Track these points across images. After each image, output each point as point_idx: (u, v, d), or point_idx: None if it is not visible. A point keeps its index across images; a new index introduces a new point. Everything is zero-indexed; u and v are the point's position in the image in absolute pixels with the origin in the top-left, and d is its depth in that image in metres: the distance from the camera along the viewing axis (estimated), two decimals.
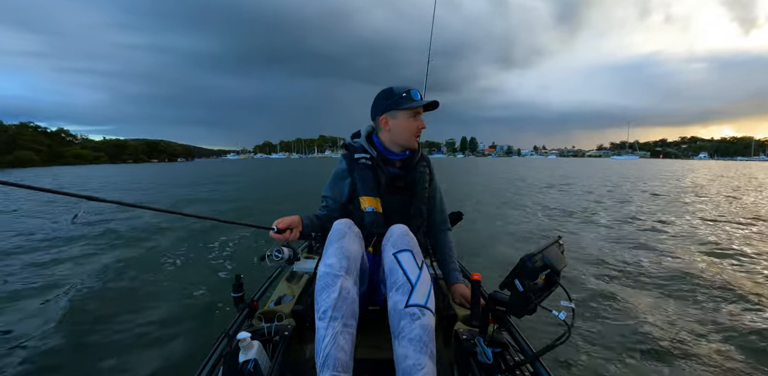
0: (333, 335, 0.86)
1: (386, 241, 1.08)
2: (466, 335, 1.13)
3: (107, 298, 2.58)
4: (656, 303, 2.54)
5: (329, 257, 0.98)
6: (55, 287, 2.77)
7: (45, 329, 2.11)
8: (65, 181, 16.94)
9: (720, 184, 13.07)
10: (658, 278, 3.05)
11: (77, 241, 4.27)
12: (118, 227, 4.99)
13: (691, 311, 2.42)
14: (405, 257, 1.00)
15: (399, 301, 0.94)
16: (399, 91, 1.29)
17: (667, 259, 3.59)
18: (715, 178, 16.66)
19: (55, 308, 2.40)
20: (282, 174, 20.92)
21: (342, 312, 0.90)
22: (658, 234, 4.73)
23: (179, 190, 11.38)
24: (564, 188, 11.36)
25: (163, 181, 15.89)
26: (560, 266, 0.94)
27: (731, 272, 3.21)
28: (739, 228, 5.11)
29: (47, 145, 54.86)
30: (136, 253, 3.74)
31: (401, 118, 1.29)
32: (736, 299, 2.59)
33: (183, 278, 2.99)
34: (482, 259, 3.55)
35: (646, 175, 18.26)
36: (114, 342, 1.97)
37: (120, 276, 3.05)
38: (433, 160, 1.48)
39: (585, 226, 5.31)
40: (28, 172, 22.81)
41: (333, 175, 1.38)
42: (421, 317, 0.91)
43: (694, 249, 3.97)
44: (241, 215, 6.20)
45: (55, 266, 3.31)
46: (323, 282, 0.94)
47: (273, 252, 1.19)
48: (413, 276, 0.97)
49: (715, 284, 2.87)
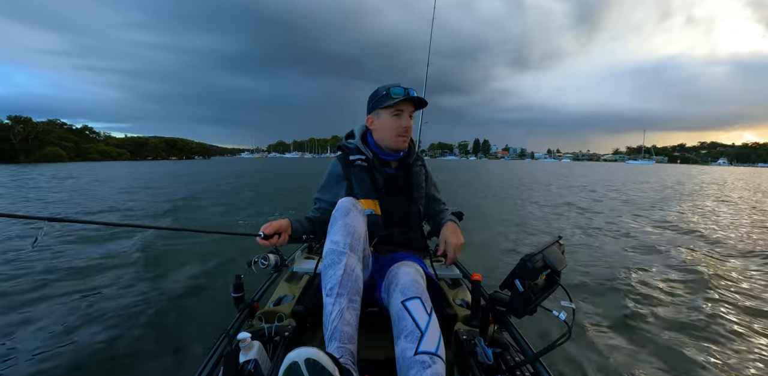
0: (339, 310, 0.89)
1: (394, 287, 1.03)
2: (466, 335, 1.12)
3: (106, 298, 2.58)
4: (657, 303, 2.54)
5: (335, 234, 1.00)
6: (53, 287, 2.77)
7: (46, 330, 2.11)
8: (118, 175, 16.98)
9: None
10: (659, 277, 3.05)
11: (76, 241, 4.26)
12: (107, 228, 4.99)
13: (692, 310, 2.42)
14: (414, 305, 0.96)
15: (407, 348, 0.89)
16: (382, 89, 1.26)
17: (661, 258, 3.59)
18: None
19: (55, 307, 2.41)
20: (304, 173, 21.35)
21: (347, 289, 0.93)
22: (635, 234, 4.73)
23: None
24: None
25: (215, 175, 16.97)
26: (560, 266, 0.94)
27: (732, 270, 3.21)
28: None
29: (73, 142, 56.18)
30: (136, 252, 3.74)
31: (383, 117, 1.27)
32: (737, 298, 2.59)
33: (182, 278, 2.99)
34: (482, 259, 3.55)
35: (639, 179, 18.49)
36: (114, 342, 1.97)
37: (119, 276, 3.05)
38: (445, 162, 1.47)
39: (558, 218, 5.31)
40: (60, 167, 22.78)
41: (327, 177, 1.36)
42: (432, 365, 0.85)
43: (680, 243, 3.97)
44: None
45: (51, 270, 3.31)
46: (329, 259, 0.96)
47: (259, 259, 1.16)
48: (422, 323, 0.92)
49: (715, 281, 2.87)
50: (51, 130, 53.69)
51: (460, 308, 1.36)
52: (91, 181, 13.47)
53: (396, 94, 1.22)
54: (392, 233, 1.32)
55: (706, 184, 15.55)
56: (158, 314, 2.32)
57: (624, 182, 15.18)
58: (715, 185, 14.81)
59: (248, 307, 1.22)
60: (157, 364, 1.78)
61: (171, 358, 1.82)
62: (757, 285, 2.89)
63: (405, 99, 1.23)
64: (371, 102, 1.29)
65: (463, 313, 1.29)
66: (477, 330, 1.11)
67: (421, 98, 1.26)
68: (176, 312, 2.36)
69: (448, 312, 1.27)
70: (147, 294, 2.65)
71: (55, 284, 2.83)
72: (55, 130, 55.81)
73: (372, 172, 1.30)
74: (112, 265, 3.35)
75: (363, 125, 1.37)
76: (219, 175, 17.90)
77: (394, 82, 1.26)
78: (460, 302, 1.44)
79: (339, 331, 0.87)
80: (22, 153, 46.57)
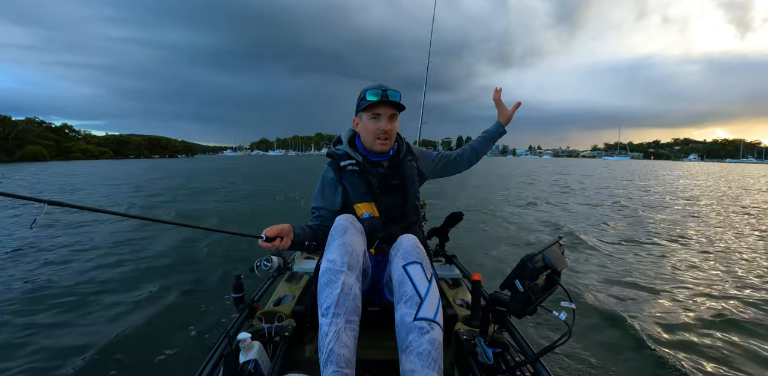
0: (336, 331, 0.86)
1: (395, 252, 1.05)
2: (466, 335, 1.12)
3: (105, 298, 2.58)
4: (657, 302, 2.55)
5: (331, 253, 0.97)
6: (53, 286, 2.77)
7: (45, 330, 2.11)
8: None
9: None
10: (658, 277, 3.05)
11: (73, 243, 4.27)
12: (104, 228, 5.00)
13: (692, 309, 2.42)
14: (414, 270, 0.98)
15: (407, 314, 0.92)
16: (363, 91, 1.24)
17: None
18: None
19: (55, 307, 2.41)
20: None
21: (345, 308, 0.89)
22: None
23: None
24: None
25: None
26: (560, 267, 0.94)
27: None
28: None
29: (54, 141, 55.69)
30: (135, 252, 3.74)
31: (364, 120, 1.25)
32: (739, 298, 2.59)
33: (183, 278, 2.98)
34: (482, 259, 3.55)
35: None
36: (114, 342, 1.97)
37: (118, 276, 3.05)
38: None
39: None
40: (44, 166, 22.65)
41: (320, 185, 1.34)
42: (430, 331, 0.89)
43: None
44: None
45: (53, 268, 3.31)
46: (326, 278, 0.93)
47: (261, 262, 1.16)
48: (422, 289, 0.95)
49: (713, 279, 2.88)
50: (30, 129, 52.98)
51: (460, 308, 1.36)
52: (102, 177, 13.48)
53: (371, 97, 1.19)
54: (392, 232, 1.32)
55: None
56: (158, 314, 2.32)
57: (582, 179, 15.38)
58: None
59: (248, 307, 1.22)
60: (157, 364, 1.78)
61: (171, 358, 1.82)
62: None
63: (382, 102, 1.20)
64: (357, 104, 1.28)
65: (463, 313, 1.29)
66: (477, 330, 1.11)
67: (395, 102, 1.21)
68: (176, 312, 2.35)
69: (449, 312, 1.27)
70: (146, 294, 2.65)
71: (49, 281, 2.84)
72: (34, 129, 54.97)
73: (364, 176, 1.29)
74: (110, 261, 3.35)
75: (350, 129, 1.36)
76: (215, 172, 18.04)
77: (377, 84, 1.23)
78: (460, 302, 1.44)
79: (335, 354, 0.83)
80: (2, 152, 45.73)
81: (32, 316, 2.31)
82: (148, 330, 2.12)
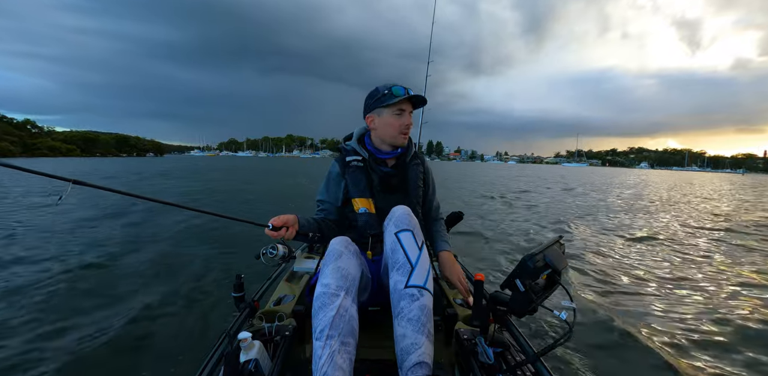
0: (330, 354, 0.85)
1: (388, 221, 1.10)
2: (467, 335, 1.12)
3: (105, 298, 2.58)
4: (657, 301, 2.54)
5: (325, 277, 0.97)
6: (52, 286, 2.77)
7: (44, 328, 2.11)
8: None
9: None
10: (659, 276, 3.05)
11: (71, 242, 4.26)
12: (113, 223, 5.00)
13: (693, 307, 2.42)
14: (406, 237, 1.03)
15: (399, 281, 0.98)
16: (382, 89, 1.29)
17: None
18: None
19: (53, 306, 2.41)
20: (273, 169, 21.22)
21: (339, 330, 0.88)
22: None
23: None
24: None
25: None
26: (561, 266, 0.94)
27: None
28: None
29: (18, 137, 54.14)
30: (134, 252, 3.73)
31: (385, 116, 1.29)
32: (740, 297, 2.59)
33: (183, 278, 2.98)
34: (482, 259, 3.55)
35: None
36: (114, 343, 1.97)
37: (117, 276, 3.04)
38: None
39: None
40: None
41: (326, 179, 1.38)
42: (420, 297, 0.95)
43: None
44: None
45: (44, 262, 3.31)
46: (320, 302, 0.93)
47: (267, 249, 1.17)
48: (413, 256, 1.00)
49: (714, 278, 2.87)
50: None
51: (460, 307, 1.36)
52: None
53: (398, 93, 1.26)
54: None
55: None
56: (158, 314, 2.31)
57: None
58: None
59: (249, 306, 1.22)
60: (157, 364, 1.77)
61: (171, 358, 1.82)
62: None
63: (405, 98, 1.27)
64: (371, 101, 1.31)
65: (463, 313, 1.29)
66: (478, 330, 1.11)
67: (421, 96, 1.30)
68: (176, 312, 2.35)
69: (449, 312, 1.27)
70: (146, 294, 2.64)
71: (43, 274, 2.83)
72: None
73: (367, 172, 1.33)
74: (109, 258, 3.34)
75: (363, 127, 1.40)
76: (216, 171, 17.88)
77: (391, 82, 1.30)
78: (461, 302, 1.44)
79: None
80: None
81: (18, 317, 2.30)
82: (147, 330, 2.11)
